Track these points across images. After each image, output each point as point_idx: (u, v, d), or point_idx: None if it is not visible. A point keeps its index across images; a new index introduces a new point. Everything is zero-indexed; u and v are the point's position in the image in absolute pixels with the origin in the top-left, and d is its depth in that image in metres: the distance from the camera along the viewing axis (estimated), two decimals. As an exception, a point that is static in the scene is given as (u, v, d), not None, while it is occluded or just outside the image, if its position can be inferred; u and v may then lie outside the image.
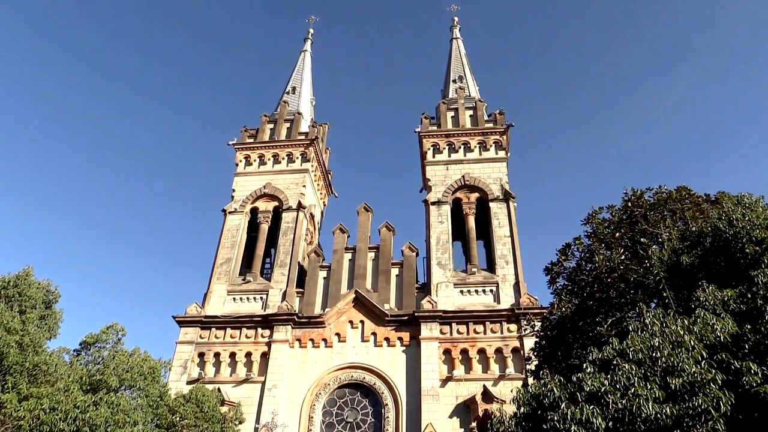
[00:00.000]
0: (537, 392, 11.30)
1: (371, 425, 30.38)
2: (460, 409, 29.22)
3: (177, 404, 18.74)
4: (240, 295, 35.28)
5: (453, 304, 32.68)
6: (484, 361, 30.72)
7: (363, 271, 35.24)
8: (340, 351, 32.38)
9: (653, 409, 9.68)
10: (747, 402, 10.02)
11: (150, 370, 18.71)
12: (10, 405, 14.24)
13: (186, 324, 33.72)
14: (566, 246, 20.73)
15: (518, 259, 34.03)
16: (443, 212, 36.80)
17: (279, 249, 37.02)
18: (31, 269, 20.98)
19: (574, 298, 19.11)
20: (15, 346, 16.17)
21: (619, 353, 10.81)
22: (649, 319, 11.46)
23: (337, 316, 33.49)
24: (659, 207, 19.68)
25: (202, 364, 32.68)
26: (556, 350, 18.84)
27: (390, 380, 30.86)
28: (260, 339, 33.01)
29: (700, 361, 10.28)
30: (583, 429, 9.57)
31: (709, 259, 14.26)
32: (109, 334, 19.70)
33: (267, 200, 39.69)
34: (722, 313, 11.44)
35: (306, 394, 30.99)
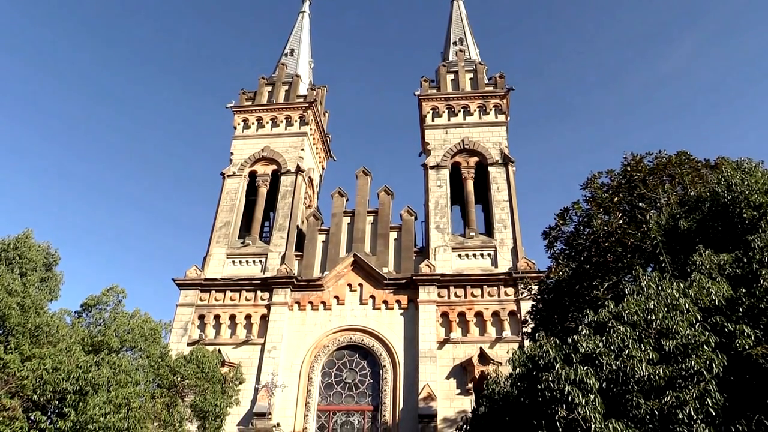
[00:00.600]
0: (532, 353, 11.46)
1: (369, 386, 30.88)
2: (457, 371, 29.66)
3: (178, 365, 19.00)
4: (239, 259, 35.46)
5: (451, 268, 32.89)
6: (481, 324, 31.07)
7: (362, 235, 35.36)
8: (339, 314, 32.72)
9: (646, 370, 9.83)
10: (739, 364, 10.18)
11: (151, 331, 18.92)
12: (13, 365, 14.42)
13: (186, 287, 33.98)
14: (564, 210, 20.79)
15: (516, 223, 34.12)
16: (442, 176, 36.75)
17: (278, 212, 37.07)
18: (30, 232, 21.04)
19: (572, 263, 19.24)
20: (16, 307, 16.30)
21: (615, 316, 10.93)
22: (644, 282, 11.55)
23: (335, 279, 33.73)
24: (658, 172, 19.68)
25: (202, 326, 33.04)
26: (552, 313, 19.05)
27: (388, 342, 31.26)
28: (260, 302, 33.32)
29: (694, 324, 10.41)
30: (577, 389, 9.73)
31: (707, 224, 14.31)
32: (109, 296, 19.85)
33: (265, 164, 39.58)
34: (718, 277, 11.54)
35: (305, 355, 31.41)
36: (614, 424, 9.43)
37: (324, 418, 30.33)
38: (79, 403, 14.34)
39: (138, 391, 16.32)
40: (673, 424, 9.62)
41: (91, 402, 14.31)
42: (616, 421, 9.51)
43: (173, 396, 18.30)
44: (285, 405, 29.52)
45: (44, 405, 14.81)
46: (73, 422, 14.14)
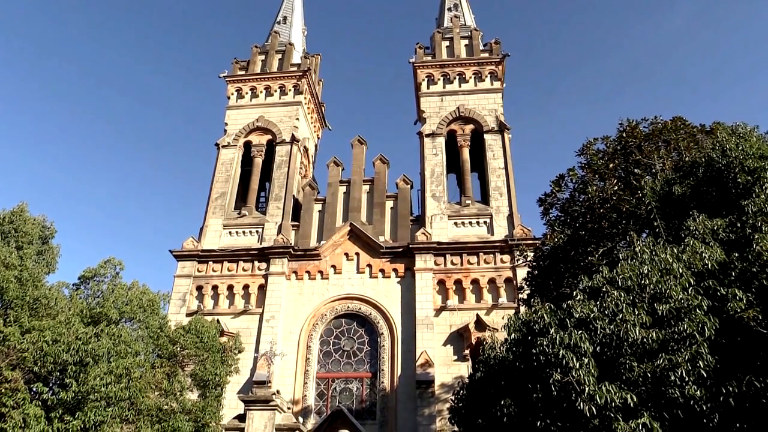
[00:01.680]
0: (528, 319, 11.59)
1: (367, 353, 31.24)
2: (454, 338, 30.01)
3: (177, 335, 19.16)
4: (236, 229, 35.51)
5: (447, 236, 33.02)
6: (478, 291, 31.33)
7: (358, 204, 35.38)
8: (336, 282, 32.92)
9: (640, 334, 9.96)
10: (731, 327, 10.32)
11: (149, 302, 19.03)
12: (13, 338, 14.52)
13: (183, 258, 34.08)
14: (560, 177, 20.81)
15: (512, 191, 34.17)
16: (438, 144, 36.64)
17: (273, 183, 37.01)
18: (25, 205, 20.98)
19: (567, 229, 19.33)
20: (14, 281, 16.34)
21: (609, 281, 11.03)
22: (639, 247, 11.64)
23: (332, 248, 33.85)
24: (654, 138, 19.66)
25: (200, 296, 33.24)
26: (547, 280, 19.21)
27: (385, 310, 31.53)
28: (257, 272, 33.49)
29: (687, 288, 10.52)
30: (572, 353, 9.87)
31: (701, 189, 14.36)
32: (107, 268, 19.90)
33: (260, 134, 39.37)
34: (711, 242, 11.62)
35: (303, 324, 31.70)
36: (607, 387, 9.59)
37: (323, 386, 30.75)
38: (80, 374, 14.49)
39: (138, 361, 16.48)
40: (665, 386, 9.79)
41: (92, 373, 14.45)
42: (609, 384, 9.67)
43: (173, 366, 18.50)
44: (284, 373, 29.90)
45: (45, 376, 14.96)
46: (75, 393, 14.30)
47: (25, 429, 13.52)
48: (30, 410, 13.63)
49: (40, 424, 13.72)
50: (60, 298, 17.48)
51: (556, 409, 10.25)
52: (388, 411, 29.15)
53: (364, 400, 30.24)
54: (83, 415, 14.18)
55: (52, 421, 14.07)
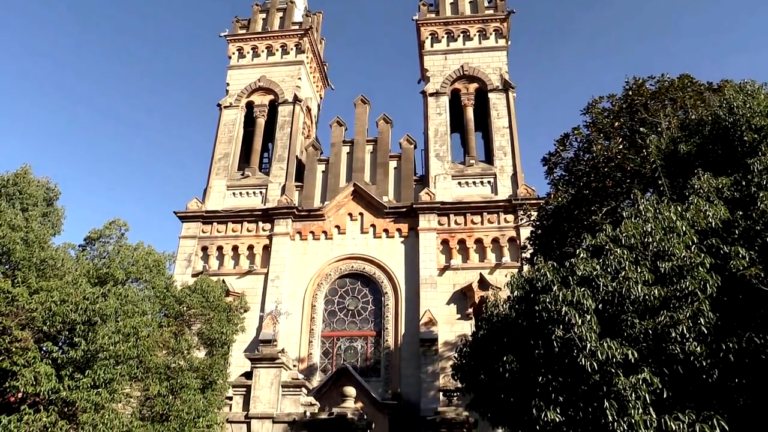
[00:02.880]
0: (531, 277, 11.66)
1: (372, 312, 31.61)
2: (457, 297, 30.29)
3: (183, 295, 19.33)
4: (239, 190, 35.54)
5: (451, 196, 33.02)
6: (481, 250, 31.48)
7: (361, 164, 35.29)
8: (340, 243, 33.10)
9: (642, 291, 10.02)
10: (733, 285, 10.36)
11: (155, 263, 19.14)
12: (21, 298, 14.66)
13: (188, 219, 34.23)
14: (564, 136, 20.69)
15: (516, 150, 34.01)
16: (441, 103, 36.33)
17: (276, 143, 36.88)
18: (29, 167, 20.93)
19: (571, 188, 19.30)
20: (20, 242, 16.42)
21: (612, 239, 11.05)
22: (642, 205, 11.61)
23: (336, 208, 33.92)
24: (660, 96, 19.45)
25: (205, 257, 33.50)
26: (551, 239, 19.27)
27: (389, 270, 31.76)
28: (261, 232, 33.65)
29: (691, 246, 10.53)
30: (574, 310, 9.95)
31: (707, 148, 14.24)
32: (112, 229, 19.95)
33: (262, 94, 39.04)
34: (715, 200, 11.57)
35: (308, 284, 32.00)
36: (609, 343, 9.70)
37: (328, 344, 31.20)
38: (89, 333, 14.67)
39: (145, 320, 16.66)
40: (666, 343, 9.90)
41: (100, 332, 14.64)
42: (611, 340, 9.78)
43: (180, 325, 18.73)
44: (290, 332, 30.33)
45: (55, 336, 15.16)
46: (84, 351, 14.51)
47: (36, 386, 13.76)
48: (41, 368, 13.85)
49: (51, 381, 13.96)
50: (66, 259, 17.58)
51: (558, 365, 10.39)
52: (392, 368, 29.64)
53: (368, 358, 30.72)
54: (93, 373, 14.42)
55: (62, 378, 14.31)
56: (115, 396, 15.08)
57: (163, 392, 16.48)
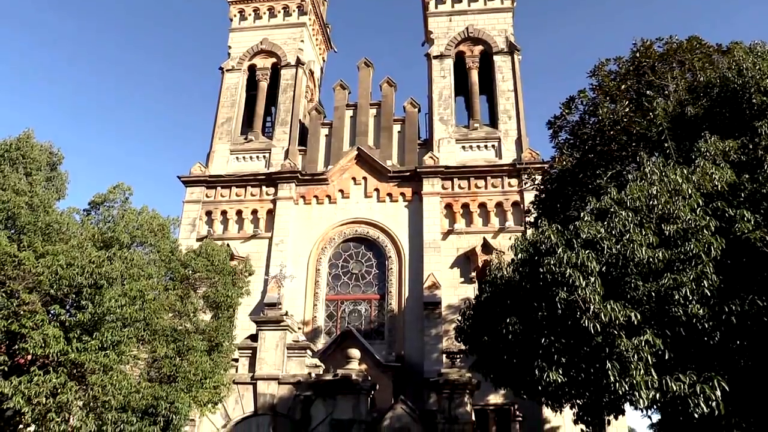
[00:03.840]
0: (535, 239, 11.68)
1: (375, 276, 31.80)
2: (461, 261, 30.40)
3: (188, 258, 19.42)
4: (243, 155, 35.42)
5: (455, 160, 32.87)
6: (485, 214, 31.47)
7: (365, 128, 35.06)
8: (344, 207, 33.11)
9: (646, 253, 10.04)
10: (737, 248, 10.36)
11: (159, 227, 19.19)
12: (28, 262, 14.76)
13: (191, 183, 34.22)
14: (570, 99, 20.46)
15: (521, 113, 33.69)
16: (446, 66, 35.88)
17: (279, 107, 36.59)
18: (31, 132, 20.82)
19: (576, 152, 19.17)
20: (25, 207, 16.46)
21: (617, 202, 11.02)
22: (648, 168, 11.55)
23: (340, 173, 33.84)
24: (668, 58, 19.14)
25: (210, 222, 33.59)
26: (555, 203, 19.22)
27: (393, 234, 31.83)
28: (265, 197, 33.67)
29: (696, 209, 10.50)
30: (578, 272, 9.99)
31: (715, 110, 14.09)
32: (116, 194, 19.94)
33: (265, 57, 38.56)
34: (722, 163, 11.50)
35: (312, 248, 32.13)
36: (612, 305, 9.76)
37: (332, 307, 31.49)
38: (95, 296, 14.80)
39: (151, 284, 16.80)
40: (669, 305, 9.95)
41: (107, 295, 14.76)
42: (614, 302, 9.84)
43: (186, 288, 18.87)
44: (294, 296, 30.58)
45: (62, 299, 15.31)
46: (92, 314, 14.66)
47: (45, 348, 13.95)
48: (49, 331, 14.03)
49: (60, 343, 14.14)
50: (71, 224, 17.63)
51: (561, 326, 10.47)
52: (396, 331, 29.95)
53: (372, 321, 31.02)
54: (100, 335, 14.60)
55: (70, 341, 14.49)
56: (122, 358, 15.31)
57: (170, 354, 16.70)
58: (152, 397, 15.34)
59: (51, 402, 13.91)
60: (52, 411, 13.89)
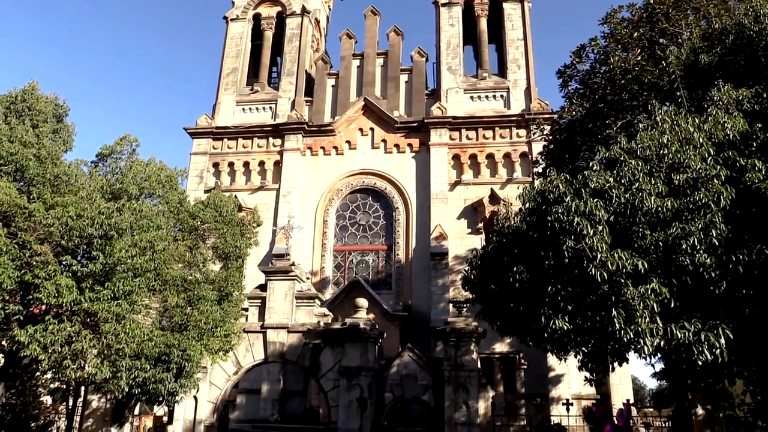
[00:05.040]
0: (543, 189, 11.63)
1: (383, 227, 31.96)
2: (468, 212, 30.46)
3: (196, 210, 19.50)
4: (249, 106, 35.19)
5: (463, 110, 32.55)
6: (493, 165, 31.36)
7: (372, 78, 34.65)
8: (351, 158, 33.04)
9: (655, 203, 10.00)
10: (747, 198, 10.29)
11: (167, 178, 19.22)
12: (38, 213, 14.86)
13: (198, 135, 34.15)
14: (581, 48, 20.07)
15: (530, 63, 33.18)
16: (454, 14, 35.14)
17: (285, 57, 36.13)
18: (36, 83, 20.67)
19: (586, 102, 18.91)
20: (33, 159, 16.48)
21: (627, 151, 10.92)
22: (659, 117, 11.39)
23: (347, 123, 33.62)
24: (682, 4, 18.62)
25: (217, 173, 33.64)
26: (563, 153, 19.08)
27: (400, 185, 31.83)
28: (272, 148, 33.60)
29: (707, 158, 10.39)
30: (586, 220, 9.97)
31: (729, 58, 13.78)
32: (123, 145, 19.91)
33: (269, 5, 37.83)
34: (734, 112, 11.31)
35: (319, 199, 32.22)
36: (619, 254, 9.78)
37: (340, 258, 31.77)
38: (106, 246, 14.93)
39: (160, 234, 16.92)
40: (676, 254, 9.96)
41: (117, 245, 14.90)
42: (621, 251, 9.85)
43: (195, 239, 19.00)
44: (302, 247, 30.84)
45: (73, 250, 15.45)
46: (103, 264, 14.83)
47: (58, 298, 14.17)
48: (62, 281, 14.22)
49: (72, 293, 14.36)
50: (79, 175, 17.67)
51: (568, 275, 10.53)
52: (403, 281, 30.28)
53: (379, 271, 31.33)
54: (112, 285, 14.81)
55: (83, 291, 14.71)
56: (134, 307, 15.57)
57: (181, 303, 16.96)
58: (164, 345, 15.65)
59: (66, 350, 14.22)
60: (68, 358, 14.21)
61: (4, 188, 15.03)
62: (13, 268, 14.05)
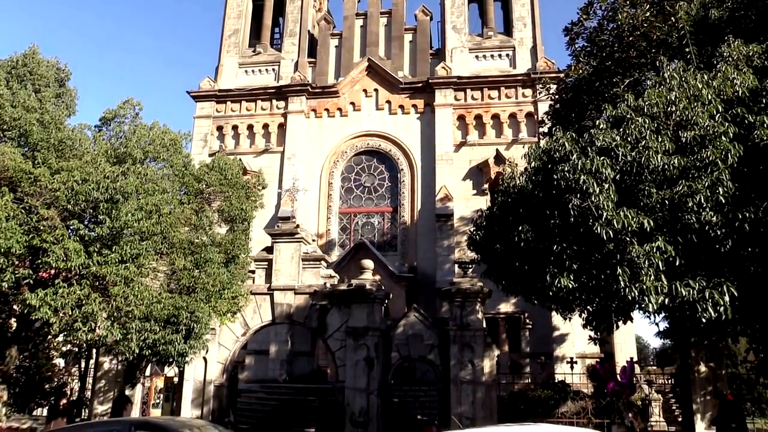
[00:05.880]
0: (549, 147, 11.55)
1: (388, 189, 31.93)
2: (473, 173, 30.35)
3: (201, 173, 19.50)
4: (251, 68, 34.84)
5: (468, 70, 32.15)
6: (498, 126, 31.12)
7: (375, 38, 34.16)
8: (356, 120, 32.82)
9: (661, 160, 9.92)
10: (755, 155, 10.20)
11: (171, 142, 19.17)
12: (44, 178, 14.89)
13: (201, 99, 33.92)
14: (588, 4, 19.66)
15: (537, 21, 32.61)
16: (459, -30, 34.41)
17: (287, 18, 35.59)
18: (36, 47, 20.50)
19: (593, 60, 18.63)
20: (36, 123, 16.46)
21: (634, 109, 10.79)
22: (668, 73, 11.22)
23: (350, 85, 33.30)
24: (692, -43, 18.17)
25: (221, 137, 33.54)
26: (570, 112, 18.90)
27: (405, 146, 31.67)
28: (276, 111, 33.38)
29: (715, 115, 10.27)
30: (592, 178, 9.92)
31: (739, 13, 13.50)
32: (126, 109, 19.84)
33: (270, -36, 37.09)
34: (744, 68, 11.12)
35: (324, 161, 32.14)
36: (625, 212, 9.76)
37: (345, 220, 31.85)
38: (112, 210, 14.98)
39: (166, 198, 16.96)
40: (682, 212, 9.93)
41: (123, 209, 14.95)
42: (627, 209, 9.83)
43: (200, 202, 19.05)
44: (307, 209, 30.90)
45: (79, 214, 15.50)
46: (110, 228, 14.90)
47: (67, 262, 14.29)
48: (69, 245, 14.32)
49: (81, 257, 14.46)
50: (84, 140, 17.65)
51: (573, 233, 10.53)
52: (408, 243, 30.39)
53: (385, 233, 31.43)
54: (120, 249, 14.90)
55: (91, 254, 14.82)
56: (142, 270, 15.71)
57: (188, 266, 17.09)
58: (173, 307, 15.83)
59: (77, 312, 14.41)
60: (79, 321, 14.41)
61: (9, 153, 15.05)
62: (21, 233, 14.15)
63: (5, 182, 14.90)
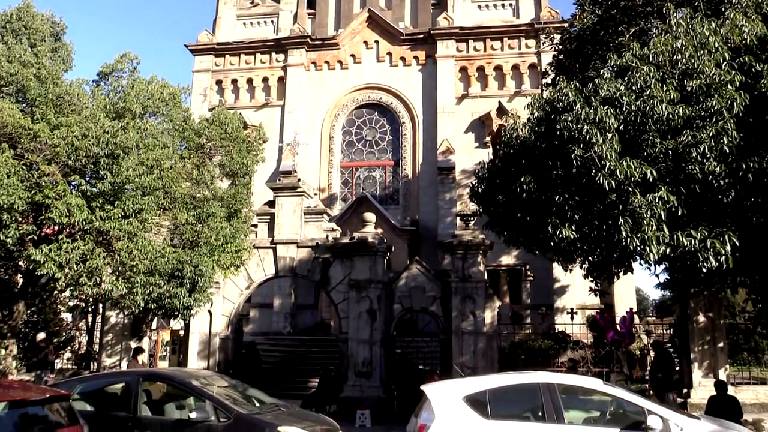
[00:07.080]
0: (552, 97, 11.41)
1: (389, 142, 31.77)
2: (476, 125, 30.14)
3: (201, 127, 19.33)
4: (250, 20, 34.25)
5: (470, 20, 31.58)
6: (501, 78, 30.74)
7: (375, -13, 33.46)
8: (356, 72, 32.41)
9: (666, 110, 9.80)
10: (761, 104, 10.08)
11: (170, 96, 18.92)
12: (43, 134, 14.77)
13: (199, 52, 33.47)
14: (594, -51, 19.14)
15: (541, -33, 31.86)
16: None
17: (285, -34, 34.77)
18: (30, 1, 20.10)
19: (598, 9, 18.26)
20: (33, 78, 16.23)
21: (639, 58, 10.61)
22: (674, 20, 10.99)
23: (350, 36, 32.75)
24: None
25: (220, 91, 33.22)
26: (574, 63, 18.64)
27: (406, 99, 31.36)
28: (275, 64, 32.95)
29: (722, 64, 10.10)
30: (596, 128, 9.83)
31: (751, -44, 13.13)
32: (124, 63, 19.50)
33: None
34: (753, 15, 10.87)
35: (325, 115, 31.89)
36: (628, 162, 9.70)
37: (347, 174, 31.80)
38: (113, 166, 14.91)
39: (167, 153, 16.85)
40: (686, 162, 9.87)
41: (124, 164, 14.88)
42: (630, 159, 9.77)
43: (201, 157, 18.95)
44: (309, 163, 30.80)
45: (81, 169, 15.43)
46: (111, 183, 14.87)
47: (70, 217, 14.29)
48: (72, 200, 14.30)
49: (83, 212, 14.46)
50: (82, 95, 17.41)
51: (575, 184, 10.50)
52: (410, 196, 30.41)
53: (387, 186, 31.42)
54: (122, 204, 14.90)
55: (93, 210, 14.81)
56: (145, 225, 15.73)
57: (191, 221, 17.13)
58: (177, 261, 15.93)
59: (82, 267, 14.49)
60: (84, 276, 14.51)
61: (8, 109, 14.89)
62: (23, 189, 14.11)
63: (5, 138, 14.79)
